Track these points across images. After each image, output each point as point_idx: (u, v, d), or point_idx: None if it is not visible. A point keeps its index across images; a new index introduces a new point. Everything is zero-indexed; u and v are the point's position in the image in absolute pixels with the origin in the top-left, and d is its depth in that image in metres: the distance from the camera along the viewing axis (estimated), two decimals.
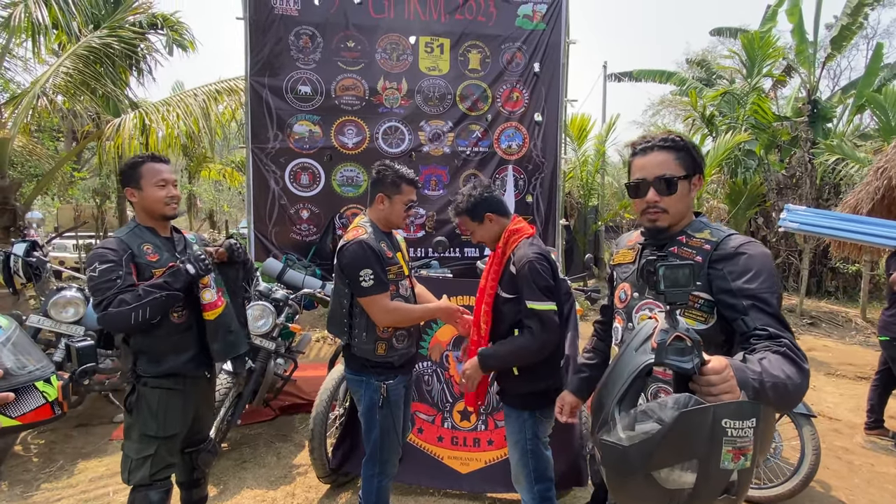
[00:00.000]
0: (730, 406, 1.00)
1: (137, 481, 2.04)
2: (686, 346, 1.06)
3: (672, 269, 1.17)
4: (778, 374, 1.13)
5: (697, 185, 1.51)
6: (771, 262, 1.38)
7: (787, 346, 1.22)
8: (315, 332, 6.35)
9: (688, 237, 1.48)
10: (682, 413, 1.00)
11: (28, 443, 3.60)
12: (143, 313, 1.91)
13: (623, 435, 1.10)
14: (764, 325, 1.27)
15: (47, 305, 3.49)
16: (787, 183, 10.65)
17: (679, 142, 1.49)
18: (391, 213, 2.26)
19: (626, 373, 1.17)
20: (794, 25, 10.67)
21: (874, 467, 3.57)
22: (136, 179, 2.08)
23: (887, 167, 5.02)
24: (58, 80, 5.17)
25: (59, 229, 12.09)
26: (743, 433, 0.99)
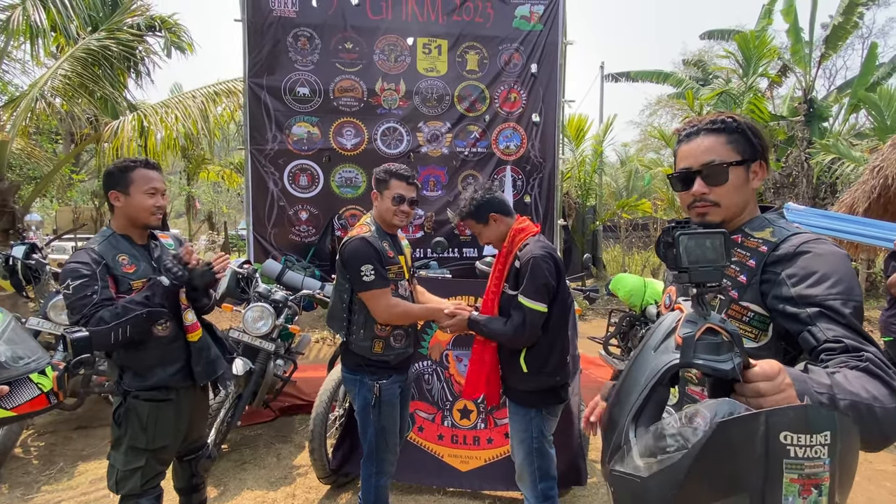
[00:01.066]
0: (790, 412, 0.72)
1: (127, 492, 1.98)
2: (722, 341, 0.80)
3: (696, 239, 0.87)
4: (858, 392, 0.85)
5: (759, 172, 1.24)
6: (845, 262, 1.09)
7: (872, 361, 0.92)
8: (314, 333, 6.36)
9: (744, 236, 1.21)
10: (721, 423, 0.72)
11: (28, 445, 3.60)
12: (123, 332, 1.81)
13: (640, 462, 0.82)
14: (837, 338, 0.97)
15: (46, 308, 3.49)
16: (784, 182, 10.69)
17: (731, 123, 1.23)
18: (381, 208, 2.27)
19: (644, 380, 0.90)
20: (790, 25, 10.73)
21: (872, 465, 3.59)
22: (124, 184, 1.97)
23: (883, 166, 5.06)
24: (56, 82, 5.17)
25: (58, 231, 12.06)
26: (813, 453, 0.70)
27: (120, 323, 1.81)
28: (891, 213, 5.20)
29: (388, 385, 2.24)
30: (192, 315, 2.06)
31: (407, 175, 2.26)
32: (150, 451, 2.00)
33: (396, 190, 2.24)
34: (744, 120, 1.25)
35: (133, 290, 1.93)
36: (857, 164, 7.83)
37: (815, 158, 9.16)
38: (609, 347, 4.65)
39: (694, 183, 1.24)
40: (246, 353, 3.41)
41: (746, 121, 1.25)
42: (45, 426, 3.87)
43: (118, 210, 2.01)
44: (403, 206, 2.23)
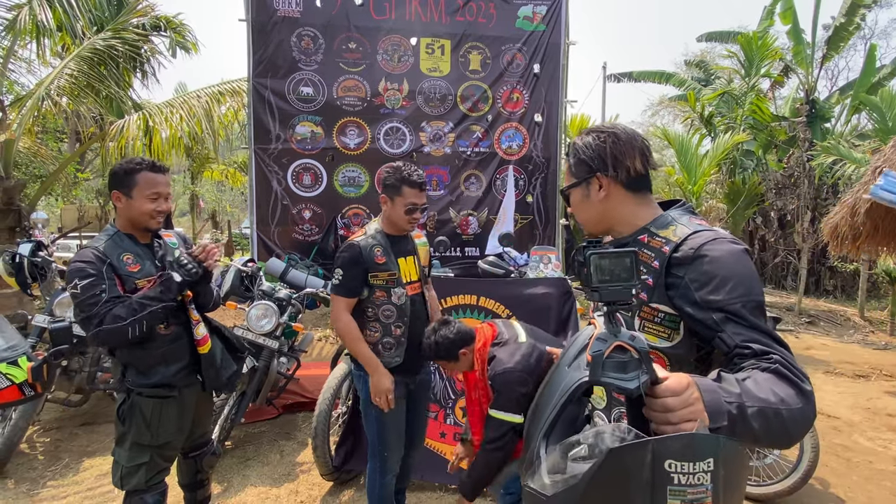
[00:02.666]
0: (674, 441, 0.75)
1: (132, 487, 1.99)
2: (630, 359, 0.81)
3: (607, 259, 0.89)
4: (766, 398, 0.88)
5: (606, 182, 1.23)
6: (742, 261, 1.08)
7: (780, 363, 0.95)
8: (317, 331, 6.38)
9: (650, 236, 1.19)
10: (611, 451, 0.75)
11: (34, 441, 3.63)
12: (140, 327, 1.82)
13: (547, 480, 0.85)
14: (746, 342, 1.00)
15: (52, 305, 3.52)
16: (786, 183, 10.69)
17: (570, 147, 1.34)
18: (393, 214, 2.23)
19: (556, 397, 0.92)
20: (790, 27, 10.74)
21: (872, 464, 3.60)
22: (128, 186, 1.95)
23: (885, 167, 5.05)
24: (62, 81, 5.20)
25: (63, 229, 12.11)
26: (696, 480, 0.74)
27: (137, 319, 1.81)
28: (892, 214, 5.19)
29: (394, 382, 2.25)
30: (203, 329, 2.07)
31: (420, 182, 2.21)
32: (154, 448, 2.00)
33: (410, 199, 2.19)
34: (579, 140, 1.30)
35: (137, 289, 1.92)
36: (859, 165, 7.83)
37: (816, 159, 9.15)
38: None
39: None
40: (249, 351, 3.44)
41: (580, 141, 1.30)
42: (50, 422, 3.90)
43: (120, 210, 2.00)
44: (416, 214, 2.22)
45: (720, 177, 10.96)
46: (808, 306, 9.00)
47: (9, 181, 5.24)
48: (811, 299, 10.02)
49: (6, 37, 5.41)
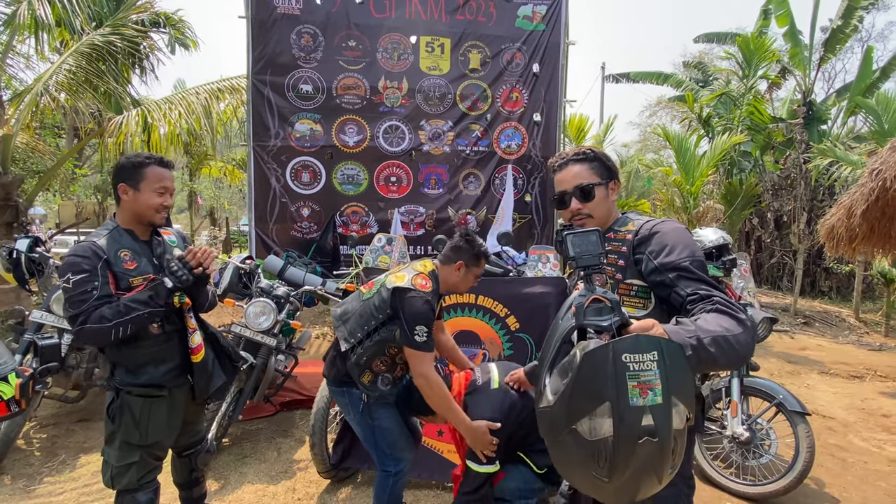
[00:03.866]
0: (626, 340, 1.02)
1: (123, 486, 1.96)
2: (604, 306, 1.10)
3: (578, 236, 1.22)
4: (714, 329, 1.15)
5: (615, 188, 1.62)
6: (685, 233, 1.45)
7: (720, 303, 1.25)
8: (315, 329, 6.37)
9: (615, 232, 1.57)
10: (585, 354, 1.03)
11: (30, 437, 3.62)
12: (123, 330, 1.80)
13: (551, 397, 1.12)
14: (693, 291, 1.31)
15: (50, 301, 3.50)
16: (783, 184, 10.74)
17: (590, 153, 1.61)
18: (462, 283, 2.27)
19: (554, 341, 1.22)
20: (786, 29, 10.78)
21: (867, 465, 3.62)
22: (135, 179, 1.94)
23: (882, 169, 5.07)
24: (60, 77, 5.18)
25: (61, 225, 12.08)
26: (646, 367, 1.00)
27: (122, 322, 1.79)
28: (888, 216, 5.22)
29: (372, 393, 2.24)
30: (198, 337, 2.05)
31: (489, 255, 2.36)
32: (143, 447, 1.97)
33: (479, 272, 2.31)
34: (597, 150, 1.64)
35: (132, 287, 1.90)
36: (855, 167, 7.87)
37: (813, 161, 9.20)
38: None
39: (571, 202, 1.59)
40: (247, 348, 3.43)
41: (599, 151, 1.63)
42: (47, 418, 3.89)
43: (125, 204, 1.97)
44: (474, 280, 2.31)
45: (717, 177, 10.99)
46: (803, 307, 9.04)
47: (6, 176, 5.23)
48: (807, 300, 10.07)
49: (5, 32, 5.39)
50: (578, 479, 1.16)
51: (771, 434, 3.14)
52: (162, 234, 2.13)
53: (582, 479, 1.14)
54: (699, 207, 8.61)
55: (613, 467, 1.02)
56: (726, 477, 3.11)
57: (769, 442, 3.13)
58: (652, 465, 1.03)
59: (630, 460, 1.01)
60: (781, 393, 3.08)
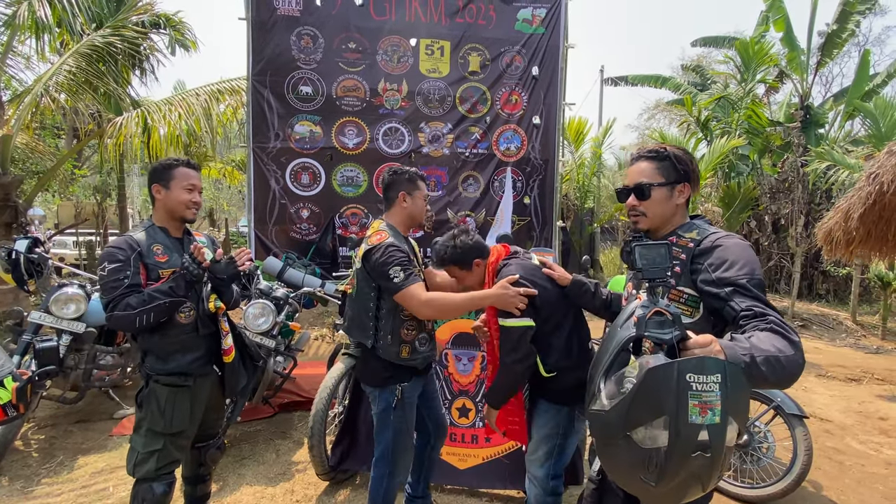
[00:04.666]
0: (693, 360, 1.05)
1: (142, 475, 2.06)
2: (666, 320, 1.13)
3: (647, 248, 1.24)
4: (768, 349, 1.16)
5: (684, 191, 1.59)
6: (748, 251, 1.44)
7: (774, 322, 1.25)
8: (314, 330, 6.38)
9: (678, 237, 1.56)
10: (649, 370, 1.06)
11: (28, 438, 3.62)
12: (146, 318, 1.96)
13: (606, 402, 1.17)
14: (748, 307, 1.31)
15: (48, 302, 3.50)
16: (780, 187, 10.76)
17: (662, 152, 1.59)
18: (415, 209, 2.30)
19: (612, 346, 1.24)
20: (783, 34, 10.83)
21: (864, 468, 3.63)
22: (166, 179, 2.14)
23: (879, 172, 5.09)
24: (60, 78, 5.19)
25: (60, 226, 12.05)
26: (708, 388, 1.03)
27: (144, 310, 1.95)
28: (885, 219, 5.24)
29: (409, 388, 2.24)
30: (230, 340, 2.23)
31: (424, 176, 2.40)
32: (167, 436, 2.09)
33: (425, 192, 2.36)
34: (673, 150, 1.60)
35: (161, 278, 2.08)
36: (852, 170, 7.90)
37: (810, 165, 9.23)
38: None
39: (628, 197, 1.63)
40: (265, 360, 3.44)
41: (675, 151, 1.60)
42: (45, 420, 3.89)
43: (159, 202, 2.17)
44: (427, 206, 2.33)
45: (716, 180, 11.03)
46: (800, 310, 9.07)
47: (6, 177, 5.22)
48: (804, 303, 10.09)
49: (5, 32, 5.39)
50: (624, 478, 1.21)
51: (769, 437, 3.15)
52: (194, 235, 2.33)
53: (628, 480, 1.19)
54: (697, 210, 8.63)
55: (662, 475, 1.08)
56: (724, 480, 3.11)
57: (767, 445, 3.14)
58: (700, 475, 1.08)
59: (680, 471, 1.07)
60: (779, 396, 3.09)
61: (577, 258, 11.33)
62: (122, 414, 3.96)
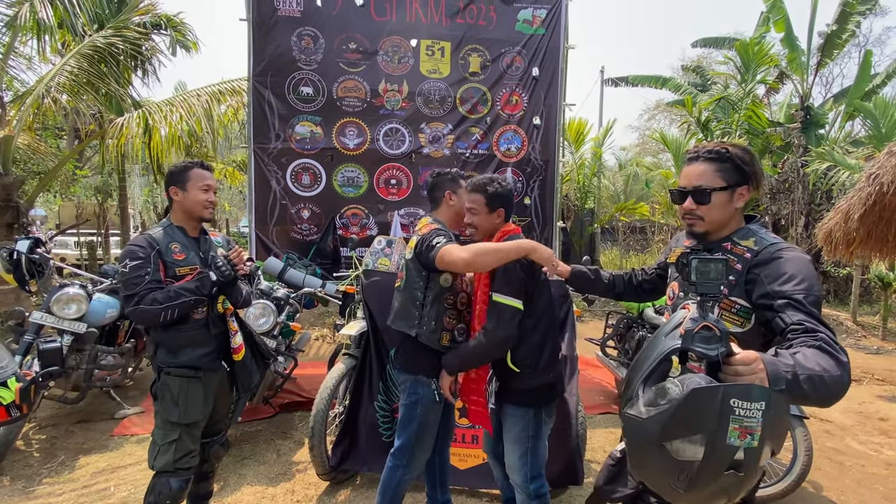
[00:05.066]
0: (739, 387, 1.06)
1: (161, 467, 2.13)
2: (713, 335, 1.12)
3: (704, 263, 1.23)
4: (812, 368, 1.13)
5: (745, 195, 1.53)
6: (808, 266, 1.40)
7: (824, 340, 1.21)
8: (315, 330, 6.39)
9: (733, 244, 1.52)
10: (693, 390, 1.08)
11: (30, 438, 3.62)
12: (171, 313, 2.06)
13: (643, 409, 1.19)
14: (799, 321, 1.28)
15: (50, 302, 3.51)
16: (780, 188, 10.76)
17: (724, 153, 1.52)
18: (460, 206, 2.32)
19: (655, 354, 1.25)
20: (783, 34, 10.84)
21: (864, 468, 3.64)
22: (182, 181, 2.23)
23: (879, 173, 5.09)
24: (62, 78, 5.20)
25: (61, 226, 12.06)
26: (751, 414, 1.04)
27: (171, 305, 2.06)
28: (885, 220, 5.24)
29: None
30: (239, 338, 2.32)
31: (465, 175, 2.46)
32: (182, 426, 2.17)
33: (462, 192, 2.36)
34: (736, 151, 1.52)
35: (178, 275, 2.17)
36: (853, 171, 7.90)
37: (811, 165, 9.23)
38: (606, 349, 4.69)
39: (686, 200, 1.55)
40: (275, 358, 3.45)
41: (737, 152, 1.52)
42: (46, 420, 3.90)
43: (176, 203, 2.26)
44: None
45: None
46: None
47: (7, 177, 5.23)
48: None
49: (6, 33, 5.40)
50: (653, 480, 1.24)
51: None
52: (210, 234, 2.42)
53: (657, 482, 1.22)
54: None
55: (692, 485, 1.11)
56: None
57: None
58: (728, 490, 1.12)
59: (711, 484, 1.10)
60: None
61: (577, 258, 11.35)
62: (124, 414, 3.97)
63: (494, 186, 2.17)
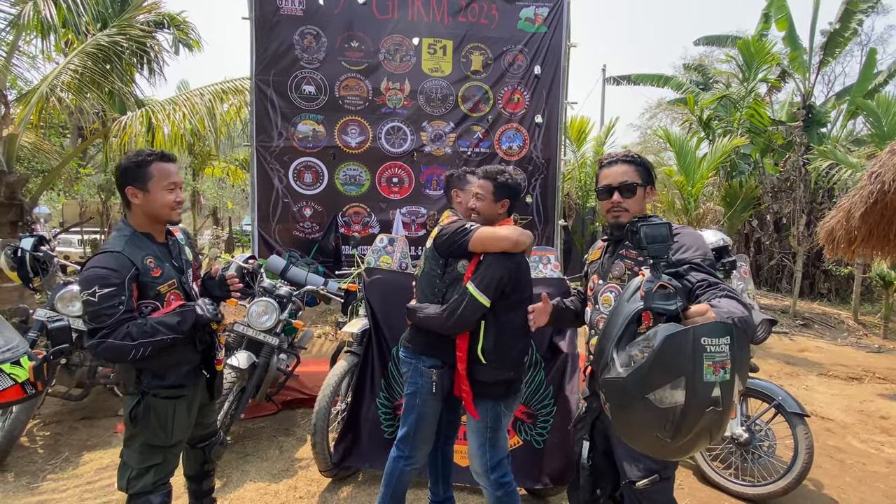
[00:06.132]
0: (706, 326, 1.19)
1: (138, 490, 1.94)
2: (670, 293, 1.25)
3: (652, 227, 1.38)
4: (735, 311, 1.33)
5: (650, 193, 1.88)
6: (700, 238, 1.73)
7: (728, 291, 1.47)
8: (317, 328, 6.40)
9: None
10: (667, 336, 1.18)
11: (34, 435, 3.64)
12: (144, 351, 1.78)
13: (622, 370, 1.28)
14: (703, 279, 1.54)
15: (54, 299, 3.52)
16: (782, 186, 10.75)
17: (637, 158, 1.88)
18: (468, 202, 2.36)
19: (621, 320, 1.35)
20: (785, 32, 10.81)
21: (865, 466, 3.64)
22: (141, 179, 1.87)
23: (881, 172, 5.09)
24: (66, 77, 5.21)
25: (65, 224, 12.10)
26: (720, 349, 1.16)
27: (145, 343, 1.78)
28: (887, 218, 5.23)
29: (440, 375, 2.27)
30: (222, 352, 2.19)
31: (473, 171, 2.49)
32: (167, 448, 1.99)
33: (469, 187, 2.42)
34: (643, 158, 1.89)
35: (159, 293, 1.91)
36: (854, 169, 7.89)
37: (812, 164, 9.22)
38: None
39: (613, 195, 1.83)
40: (250, 347, 3.46)
41: (643, 158, 1.89)
42: (50, 416, 3.91)
43: (136, 207, 1.91)
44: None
45: (717, 180, 11.02)
46: (802, 309, 9.06)
47: (11, 175, 5.25)
48: (806, 302, 10.08)
49: (10, 32, 5.42)
50: (639, 437, 1.34)
51: (770, 435, 3.16)
52: (172, 232, 2.12)
53: (643, 438, 1.32)
54: (699, 209, 8.63)
55: (678, 430, 1.20)
56: (725, 478, 3.13)
57: (768, 443, 3.14)
58: (710, 428, 1.22)
59: (695, 425, 1.20)
60: (780, 394, 3.10)
61: (578, 256, 11.34)
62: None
63: (505, 177, 2.22)
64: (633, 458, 1.74)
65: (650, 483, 1.69)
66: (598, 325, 1.88)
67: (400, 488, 2.38)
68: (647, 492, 1.71)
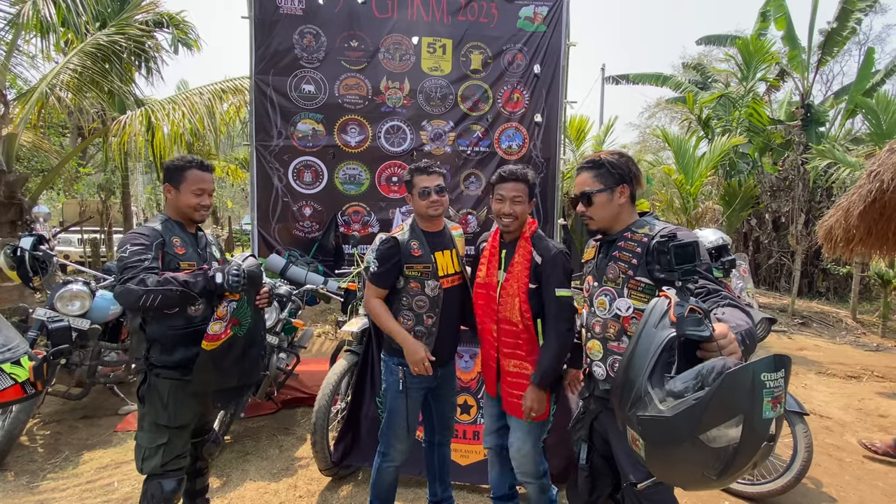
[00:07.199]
0: (764, 361, 1.11)
1: (150, 470, 2.07)
2: (700, 318, 1.18)
3: (681, 247, 1.33)
4: (742, 323, 1.31)
5: (624, 192, 1.81)
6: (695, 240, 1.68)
7: (729, 299, 1.44)
8: (317, 327, 6.40)
9: (631, 233, 1.79)
10: (728, 373, 1.10)
11: (34, 434, 3.65)
12: (152, 299, 1.90)
13: (663, 407, 1.16)
14: (702, 285, 1.51)
15: (53, 298, 3.52)
16: (781, 185, 10.77)
17: (597, 161, 1.84)
18: (415, 206, 2.35)
19: (652, 349, 1.26)
20: (784, 32, 10.82)
21: (864, 465, 3.65)
22: (177, 180, 2.15)
23: (880, 171, 5.09)
24: (65, 77, 5.21)
25: (64, 224, 12.09)
26: (778, 384, 1.10)
27: (154, 290, 1.91)
28: (886, 217, 5.24)
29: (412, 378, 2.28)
30: (219, 327, 2.07)
31: (425, 167, 2.35)
32: (172, 429, 2.09)
33: (421, 184, 2.31)
34: (607, 157, 1.83)
35: (179, 269, 2.09)
36: (853, 168, 7.90)
37: (811, 163, 9.23)
38: None
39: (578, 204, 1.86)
40: None
41: (608, 158, 1.83)
42: (50, 415, 3.92)
43: (169, 201, 2.20)
44: (432, 196, 2.30)
45: (716, 179, 11.03)
46: (801, 308, 9.07)
47: (11, 175, 5.25)
48: (804, 301, 10.10)
49: (10, 31, 5.41)
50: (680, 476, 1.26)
51: None
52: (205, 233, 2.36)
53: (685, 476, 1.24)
54: (698, 208, 8.64)
55: (728, 468, 1.13)
56: None
57: None
58: (757, 462, 1.17)
59: (747, 462, 1.14)
60: None
61: (578, 256, 11.34)
62: (127, 410, 3.99)
63: (531, 176, 2.27)
64: (633, 460, 1.72)
65: (651, 484, 1.67)
66: (594, 328, 1.87)
67: (381, 486, 2.40)
68: (649, 493, 1.70)
